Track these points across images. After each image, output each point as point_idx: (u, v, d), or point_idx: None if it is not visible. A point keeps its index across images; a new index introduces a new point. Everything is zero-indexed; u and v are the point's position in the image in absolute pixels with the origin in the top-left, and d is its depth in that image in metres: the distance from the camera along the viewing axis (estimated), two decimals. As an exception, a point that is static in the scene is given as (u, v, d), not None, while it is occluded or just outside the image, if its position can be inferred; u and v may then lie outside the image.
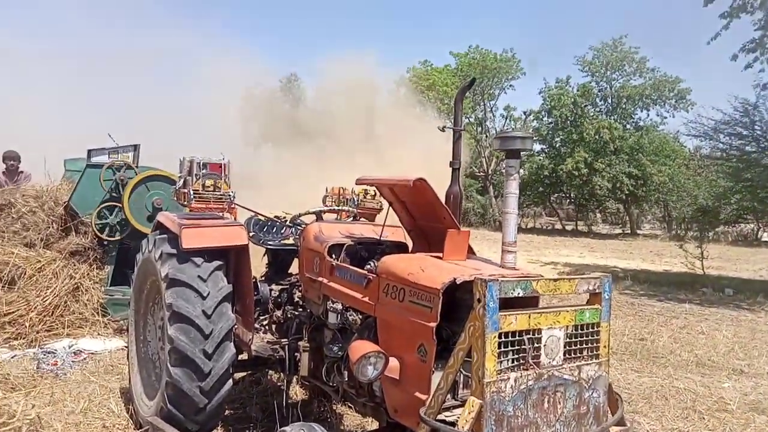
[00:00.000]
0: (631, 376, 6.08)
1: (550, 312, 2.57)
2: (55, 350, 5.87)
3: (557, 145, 33.01)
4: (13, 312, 6.27)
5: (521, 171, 3.09)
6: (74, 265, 7.01)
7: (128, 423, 4.28)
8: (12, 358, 5.64)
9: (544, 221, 39.67)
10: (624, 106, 32.41)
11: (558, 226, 36.15)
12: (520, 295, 2.50)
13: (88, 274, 7.04)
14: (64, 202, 7.57)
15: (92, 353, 5.94)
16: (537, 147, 34.32)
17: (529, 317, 2.50)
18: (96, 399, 4.73)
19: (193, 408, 3.70)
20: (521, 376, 2.43)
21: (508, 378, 2.40)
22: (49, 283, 6.62)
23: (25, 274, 6.60)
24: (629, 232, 33.29)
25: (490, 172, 34.52)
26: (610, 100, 32.84)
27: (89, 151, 8.13)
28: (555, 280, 2.66)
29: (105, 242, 7.27)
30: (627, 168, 30.21)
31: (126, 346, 5.22)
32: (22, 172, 8.71)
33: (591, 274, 2.83)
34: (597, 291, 2.74)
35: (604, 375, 2.70)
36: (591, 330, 2.69)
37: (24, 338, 6.10)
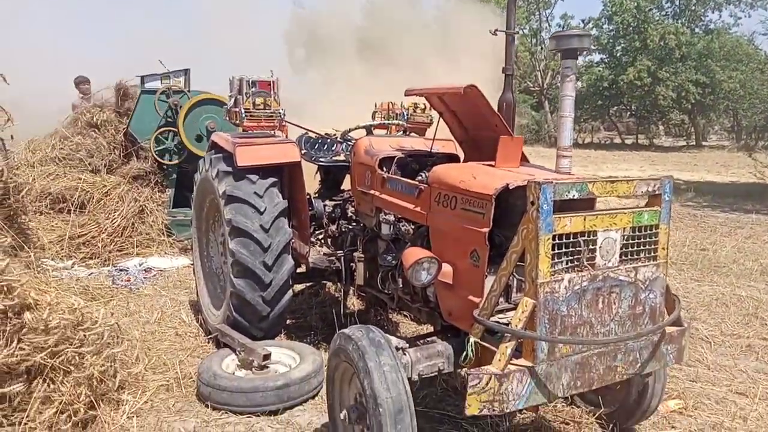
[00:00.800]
0: (690, 285, 5.97)
1: (607, 214, 2.52)
2: (127, 268, 6.27)
3: (618, 54, 31.09)
4: (86, 234, 6.68)
5: (579, 83, 2.95)
6: (138, 189, 7.34)
7: (198, 331, 4.58)
8: (89, 275, 6.05)
9: (602, 136, 38.09)
10: (693, 7, 30.01)
11: (617, 140, 34.72)
12: (576, 197, 2.45)
13: (151, 197, 7.38)
14: (123, 129, 7.81)
15: (161, 270, 6.32)
16: (596, 57, 32.52)
17: (585, 219, 2.45)
18: (168, 310, 5.05)
19: (256, 316, 3.92)
20: (575, 277, 2.42)
21: (562, 279, 2.39)
22: (116, 206, 6.96)
23: (93, 198, 6.95)
24: (694, 143, 31.73)
25: (545, 86, 33.10)
26: (677, 2, 30.42)
27: (142, 77, 8.27)
28: (612, 181, 2.58)
29: (164, 166, 7.53)
30: (694, 75, 28.30)
31: (191, 264, 5.50)
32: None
33: (651, 176, 2.73)
34: (657, 192, 2.65)
35: (661, 277, 2.65)
36: (649, 232, 2.62)
37: (98, 257, 6.53)
